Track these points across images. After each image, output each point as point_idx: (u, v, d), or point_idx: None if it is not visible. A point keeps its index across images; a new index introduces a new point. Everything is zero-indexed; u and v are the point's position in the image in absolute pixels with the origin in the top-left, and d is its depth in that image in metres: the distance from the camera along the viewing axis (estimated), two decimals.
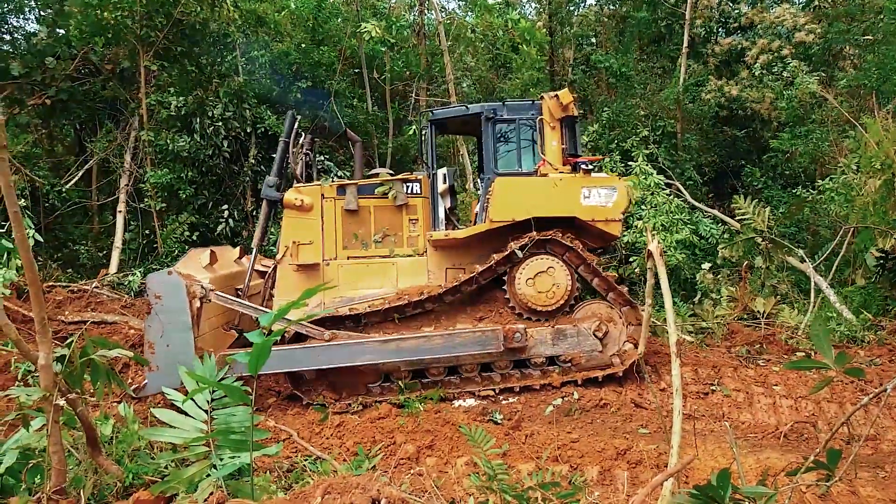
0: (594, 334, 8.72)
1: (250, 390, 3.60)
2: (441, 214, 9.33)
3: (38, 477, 4.46)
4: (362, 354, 8.35)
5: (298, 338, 8.54)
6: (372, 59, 17.76)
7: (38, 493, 4.18)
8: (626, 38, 22.33)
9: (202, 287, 8.20)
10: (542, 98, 9.10)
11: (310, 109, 16.07)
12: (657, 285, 4.63)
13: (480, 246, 9.11)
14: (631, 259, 13.13)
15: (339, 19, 18.47)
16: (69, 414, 4.35)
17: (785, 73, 17.15)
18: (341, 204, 9.22)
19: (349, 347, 8.33)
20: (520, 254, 8.68)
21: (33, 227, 8.00)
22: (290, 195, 9.19)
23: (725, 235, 13.90)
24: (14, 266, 7.36)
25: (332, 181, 9.51)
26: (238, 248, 10.89)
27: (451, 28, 18.50)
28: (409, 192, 9.30)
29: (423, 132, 9.67)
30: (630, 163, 14.32)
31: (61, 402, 4.06)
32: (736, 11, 19.92)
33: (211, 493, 3.62)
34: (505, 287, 8.96)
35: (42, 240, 10.00)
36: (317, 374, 8.63)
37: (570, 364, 8.80)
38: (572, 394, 8.47)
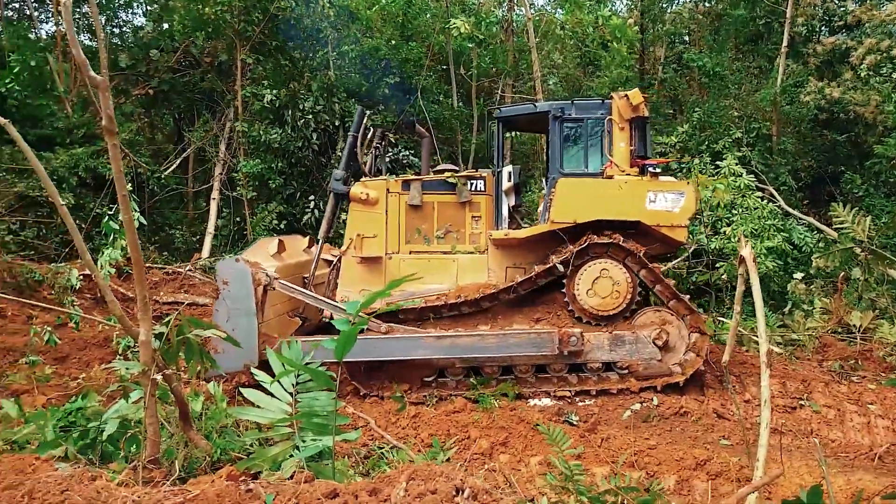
0: (654, 342, 8.50)
1: (335, 376, 3.70)
2: (504, 212, 9.31)
3: (135, 446, 4.72)
4: (417, 349, 8.40)
5: None
6: (459, 56, 17.83)
7: (134, 461, 4.42)
8: (722, 36, 21.58)
9: (267, 275, 8.46)
10: (611, 98, 8.93)
11: (397, 105, 16.30)
12: (747, 292, 4.48)
13: (542, 246, 9.01)
14: (717, 265, 12.72)
15: (428, 15, 18.62)
16: (163, 389, 4.58)
17: (895, 75, 16.19)
18: (405, 199, 9.31)
19: (405, 341, 8.40)
20: (561, 268, 8.57)
21: (138, 210, 8.46)
22: (356, 189, 9.34)
23: (821, 244, 13.26)
24: (119, 246, 7.80)
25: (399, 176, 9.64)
26: (308, 238, 11.19)
27: (539, 24, 18.36)
28: (473, 189, 9.32)
29: (491, 129, 9.67)
30: (719, 163, 13.84)
31: (158, 377, 4.28)
32: (842, 9, 18.91)
33: (294, 473, 3.74)
34: (564, 290, 8.82)
35: (145, 223, 10.59)
36: (371, 365, 8.75)
37: (626, 371, 8.64)
38: (651, 399, 8.28)
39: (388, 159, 14.23)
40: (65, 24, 4.04)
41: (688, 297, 8.76)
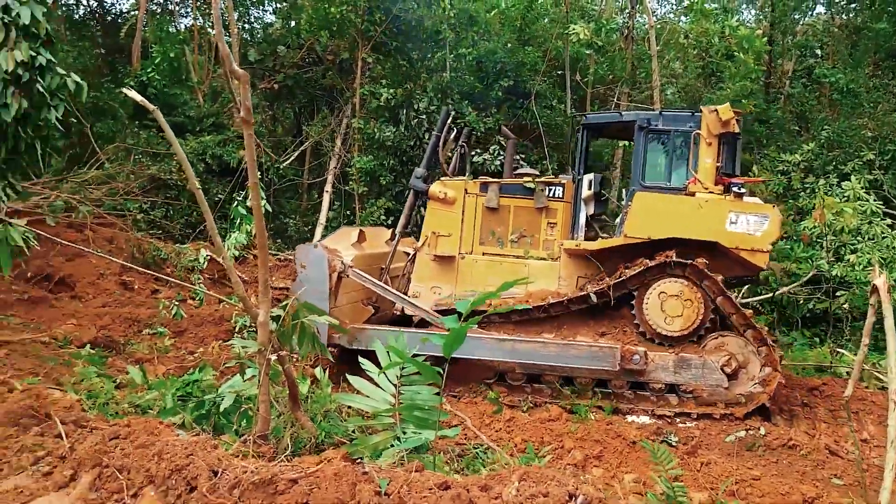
0: (722, 369, 8.11)
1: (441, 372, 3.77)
2: (581, 221, 9.14)
3: (245, 422, 4.97)
4: (477, 349, 8.32)
5: (423, 324, 8.77)
6: (576, 62, 17.61)
7: (245, 435, 4.65)
8: (860, 50, 20.25)
9: (342, 262, 8.64)
10: (700, 111, 8.61)
11: (509, 108, 16.32)
12: (877, 324, 4.22)
13: (614, 259, 8.78)
14: (838, 293, 11.98)
15: (547, 20, 18.50)
16: (275, 369, 4.81)
17: None
18: (483, 201, 9.33)
19: (467, 340, 8.35)
20: (594, 298, 8.37)
21: (265, 198, 8.93)
22: (435, 188, 9.43)
23: None
24: (245, 230, 8.24)
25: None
26: (391, 230, 11.39)
27: (662, 33, 17.89)
28: (551, 195, 9.22)
29: (577, 136, 9.57)
30: (843, 183, 12.99)
31: (272, 357, 4.50)
32: None
33: (394, 463, 3.84)
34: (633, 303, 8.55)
35: (271, 210, 11.08)
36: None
37: (690, 395, 8.29)
38: (758, 428, 7.91)
39: (498, 160, 14.30)
40: (213, 20, 4.32)
41: (764, 326, 8.36)
